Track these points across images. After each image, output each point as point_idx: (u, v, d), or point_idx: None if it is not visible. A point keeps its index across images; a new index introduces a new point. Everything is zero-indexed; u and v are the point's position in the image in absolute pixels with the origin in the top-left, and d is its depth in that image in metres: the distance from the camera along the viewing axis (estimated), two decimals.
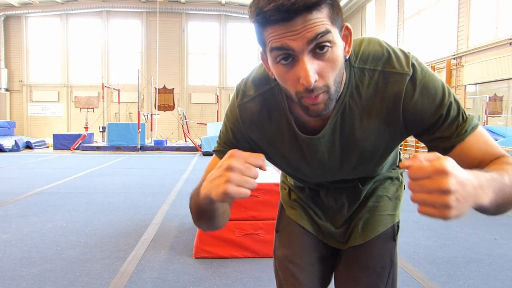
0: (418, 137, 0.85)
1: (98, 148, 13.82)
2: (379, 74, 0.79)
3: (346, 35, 0.74)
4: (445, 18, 10.10)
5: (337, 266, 1.12)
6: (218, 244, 3.03)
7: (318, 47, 0.67)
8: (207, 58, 19.51)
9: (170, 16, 18.71)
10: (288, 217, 1.16)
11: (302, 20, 0.65)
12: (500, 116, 9.16)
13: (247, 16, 0.72)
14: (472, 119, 0.81)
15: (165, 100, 16.36)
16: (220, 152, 0.95)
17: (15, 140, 13.33)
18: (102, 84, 15.55)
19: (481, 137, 0.81)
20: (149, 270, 2.80)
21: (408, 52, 0.80)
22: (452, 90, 0.84)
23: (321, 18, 0.66)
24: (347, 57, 0.75)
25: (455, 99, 0.80)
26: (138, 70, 14.14)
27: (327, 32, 0.67)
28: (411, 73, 0.77)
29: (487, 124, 9.24)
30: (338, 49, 0.70)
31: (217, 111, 17.54)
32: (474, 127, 0.80)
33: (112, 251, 3.16)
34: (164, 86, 16.65)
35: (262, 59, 0.78)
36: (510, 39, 7.77)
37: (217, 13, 18.66)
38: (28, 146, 14.11)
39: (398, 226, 1.10)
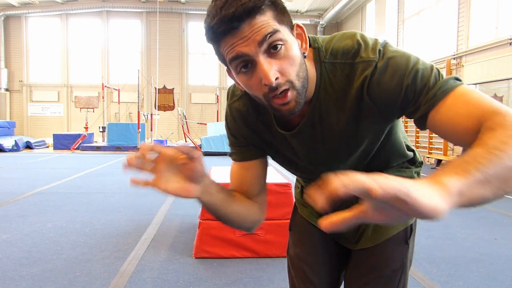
0: (406, 116, 0.80)
1: (98, 148, 13.82)
2: (349, 67, 0.79)
3: (300, 33, 0.77)
4: (445, 18, 10.10)
5: (347, 267, 1.11)
6: (218, 244, 3.03)
7: (272, 47, 0.70)
8: (207, 58, 19.50)
9: (170, 16, 18.69)
10: (300, 215, 1.17)
11: (248, 25, 0.68)
12: None
13: None
14: (446, 81, 0.71)
15: (165, 100, 16.36)
16: (232, 154, 0.99)
17: (15, 140, 13.32)
18: (102, 84, 15.54)
19: (460, 97, 0.69)
20: (149, 270, 2.80)
21: (377, 40, 0.79)
22: (427, 61, 0.76)
23: (266, 20, 0.69)
24: (305, 53, 0.77)
25: (426, 67, 0.74)
26: (138, 70, 14.14)
27: (275, 31, 0.69)
28: (376, 59, 0.76)
29: None
30: (292, 46, 0.73)
31: (217, 111, 17.53)
32: (449, 89, 0.70)
33: (112, 251, 3.16)
34: (164, 86, 16.65)
35: (229, 75, 0.81)
36: (510, 39, 7.76)
37: None
38: (28, 146, 14.11)
39: (411, 229, 1.06)
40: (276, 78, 0.70)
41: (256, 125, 0.93)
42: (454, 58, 9.47)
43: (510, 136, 0.57)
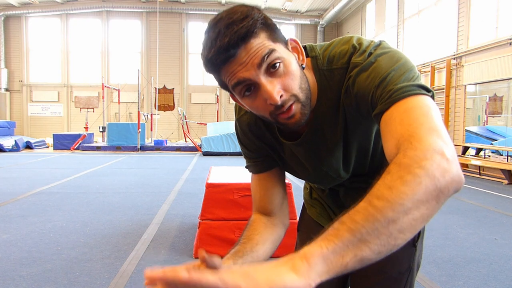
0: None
1: (98, 148, 13.82)
2: (344, 71, 0.80)
3: (295, 47, 0.78)
4: (445, 18, 10.09)
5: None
6: (218, 244, 3.03)
7: (271, 66, 0.71)
8: None
9: (170, 16, 18.69)
10: (308, 216, 1.18)
11: (245, 51, 0.69)
12: (500, 116, 9.16)
13: None
14: (408, 86, 0.67)
15: (165, 100, 16.36)
16: (249, 166, 1.01)
17: (15, 140, 13.32)
18: (102, 84, 15.55)
19: (405, 110, 0.64)
20: None
21: (372, 42, 0.78)
22: (412, 64, 0.73)
23: (261, 42, 0.70)
24: (303, 65, 0.79)
25: (405, 68, 0.71)
26: (138, 70, 14.14)
27: (271, 51, 0.71)
28: (364, 63, 0.76)
29: (487, 124, 9.24)
30: (290, 62, 0.74)
31: (217, 111, 17.53)
32: (405, 95, 0.66)
33: (112, 251, 3.16)
34: (164, 86, 16.64)
35: (233, 99, 0.83)
36: (510, 39, 7.76)
37: (217, 13, 18.62)
38: (28, 146, 14.11)
39: (419, 232, 1.06)
40: (281, 96, 0.72)
41: (264, 136, 0.95)
42: (454, 58, 9.47)
43: (399, 177, 0.53)
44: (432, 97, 0.68)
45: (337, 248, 0.49)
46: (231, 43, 0.68)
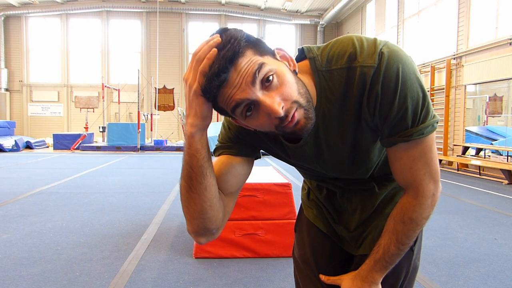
0: (380, 132, 0.84)
1: (98, 148, 13.82)
2: (347, 71, 0.78)
3: (283, 55, 0.78)
4: (445, 18, 10.09)
5: (350, 272, 1.10)
6: (218, 244, 3.03)
7: (265, 81, 0.71)
8: None
9: (170, 16, 18.69)
10: (305, 217, 1.17)
11: (235, 72, 0.69)
12: (500, 116, 9.15)
13: (247, 16, 0.74)
14: (425, 127, 0.78)
15: (165, 100, 16.35)
16: (221, 147, 0.93)
17: (15, 140, 13.32)
18: (102, 84, 15.54)
19: (416, 156, 0.81)
20: (149, 270, 2.80)
21: (379, 41, 0.77)
22: (424, 88, 0.78)
23: (249, 59, 0.70)
24: (296, 70, 0.78)
25: (417, 96, 0.76)
26: (138, 70, 14.14)
27: (261, 65, 0.70)
28: (376, 65, 0.75)
29: (487, 124, 9.24)
30: (283, 71, 0.73)
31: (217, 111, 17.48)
32: (423, 135, 0.78)
33: (112, 251, 3.16)
34: (164, 86, 16.64)
35: (236, 123, 0.82)
36: (510, 39, 7.76)
37: (217, 13, 18.67)
38: (28, 146, 14.11)
39: (417, 235, 1.07)
40: (282, 107, 0.71)
41: (269, 137, 0.92)
42: (454, 58, 9.47)
43: (412, 230, 0.87)
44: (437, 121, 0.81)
45: (384, 273, 0.94)
46: (220, 68, 0.68)
